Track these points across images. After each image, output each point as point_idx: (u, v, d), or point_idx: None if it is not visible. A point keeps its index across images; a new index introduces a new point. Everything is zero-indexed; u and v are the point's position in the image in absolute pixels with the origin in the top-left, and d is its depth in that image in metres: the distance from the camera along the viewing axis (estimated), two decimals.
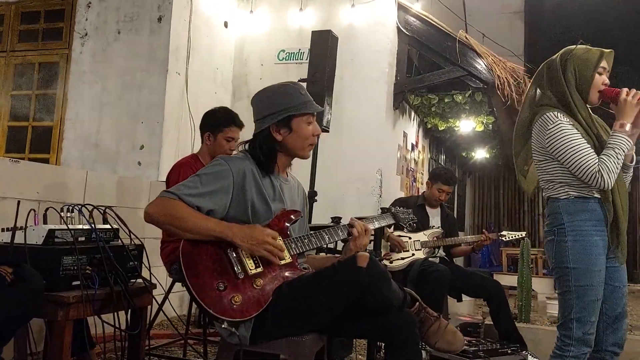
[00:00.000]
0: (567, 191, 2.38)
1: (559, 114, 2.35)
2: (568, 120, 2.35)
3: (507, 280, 6.37)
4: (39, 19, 5.79)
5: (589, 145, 2.31)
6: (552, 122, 2.34)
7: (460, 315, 5.38)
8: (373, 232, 3.71)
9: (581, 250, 2.32)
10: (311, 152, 2.33)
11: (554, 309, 4.73)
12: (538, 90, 2.52)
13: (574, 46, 2.46)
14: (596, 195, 2.35)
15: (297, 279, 2.12)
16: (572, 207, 2.36)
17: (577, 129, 2.34)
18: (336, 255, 2.56)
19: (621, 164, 2.29)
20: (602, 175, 2.24)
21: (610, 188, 2.29)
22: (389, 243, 4.41)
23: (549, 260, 2.50)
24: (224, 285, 1.98)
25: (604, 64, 2.41)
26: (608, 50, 2.43)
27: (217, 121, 3.43)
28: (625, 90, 2.32)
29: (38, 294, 2.03)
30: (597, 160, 2.26)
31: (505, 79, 6.07)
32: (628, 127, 2.30)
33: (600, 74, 2.40)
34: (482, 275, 4.54)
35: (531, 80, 2.59)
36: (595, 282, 2.31)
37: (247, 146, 2.29)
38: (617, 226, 2.35)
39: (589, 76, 2.38)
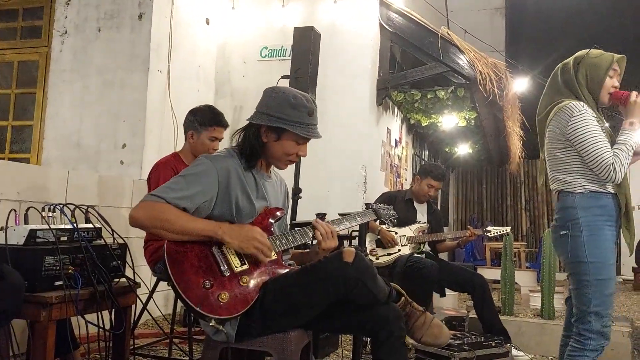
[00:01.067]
0: (583, 184, 2.45)
1: (585, 105, 2.46)
2: (592, 112, 2.46)
3: (491, 274, 6.42)
4: (17, 16, 5.72)
5: (607, 140, 2.42)
6: (577, 111, 2.44)
7: (445, 309, 5.42)
8: (357, 228, 3.72)
9: (598, 244, 2.40)
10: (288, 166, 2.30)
11: (536, 301, 4.77)
12: (553, 90, 2.63)
13: (588, 50, 2.59)
14: (610, 190, 2.45)
15: (282, 276, 2.13)
16: (587, 202, 2.44)
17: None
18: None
19: (630, 160, 2.40)
20: (614, 168, 2.35)
21: (620, 181, 2.40)
22: (377, 237, 4.42)
23: (561, 256, 2.56)
24: (210, 283, 1.98)
25: (615, 67, 2.55)
26: (620, 55, 2.57)
27: (202, 120, 3.37)
28: (635, 93, 2.48)
29: (18, 293, 2.00)
30: (612, 154, 2.36)
31: (487, 75, 6.10)
32: (637, 125, 2.45)
33: (611, 77, 2.54)
34: (467, 269, 4.57)
35: (547, 82, 2.70)
36: (612, 275, 2.41)
37: (238, 139, 2.28)
38: (628, 216, 2.46)
39: (600, 79, 2.52)
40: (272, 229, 2.22)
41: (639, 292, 9.35)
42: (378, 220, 2.67)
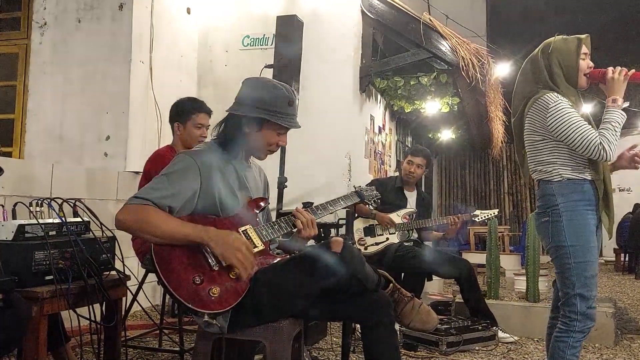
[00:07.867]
0: (560, 173, 2.49)
1: (558, 95, 2.48)
2: (567, 100, 2.47)
3: (475, 258, 6.50)
4: None
5: (588, 123, 2.44)
6: (553, 102, 2.46)
7: (431, 294, 5.48)
8: (345, 216, 3.74)
9: (577, 228, 2.45)
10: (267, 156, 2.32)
11: (521, 284, 4.85)
12: (526, 85, 2.64)
13: (552, 39, 2.59)
14: (587, 177, 2.48)
15: (272, 266, 2.14)
16: (565, 188, 2.48)
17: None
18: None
19: (618, 137, 2.41)
20: (604, 147, 2.36)
21: (612, 159, 2.44)
22: (364, 226, 4.44)
23: (543, 241, 2.62)
24: (200, 278, 1.97)
25: (584, 49, 2.55)
26: (584, 35, 2.58)
27: (185, 110, 3.39)
28: (610, 69, 2.48)
29: (23, 324, 1.99)
30: (597, 134, 2.38)
31: (469, 60, 6.14)
32: (620, 101, 2.46)
33: (583, 59, 2.54)
34: (453, 255, 4.62)
35: (517, 77, 2.72)
36: (593, 257, 2.45)
37: (218, 130, 2.29)
38: (607, 202, 2.49)
39: (574, 64, 2.53)
40: (257, 219, 2.24)
41: (621, 273, 9.53)
42: (362, 203, 2.70)
